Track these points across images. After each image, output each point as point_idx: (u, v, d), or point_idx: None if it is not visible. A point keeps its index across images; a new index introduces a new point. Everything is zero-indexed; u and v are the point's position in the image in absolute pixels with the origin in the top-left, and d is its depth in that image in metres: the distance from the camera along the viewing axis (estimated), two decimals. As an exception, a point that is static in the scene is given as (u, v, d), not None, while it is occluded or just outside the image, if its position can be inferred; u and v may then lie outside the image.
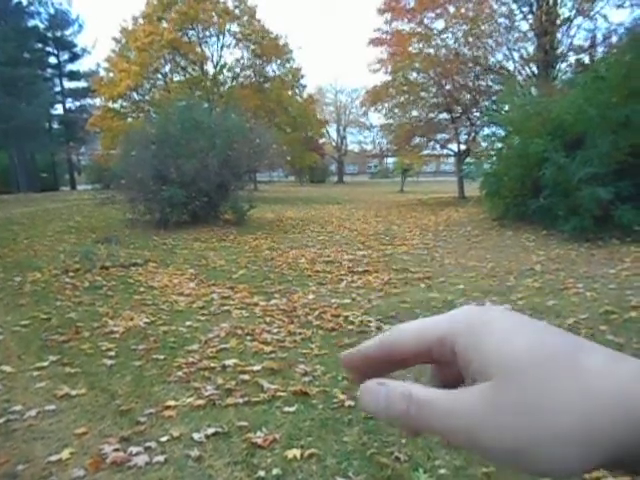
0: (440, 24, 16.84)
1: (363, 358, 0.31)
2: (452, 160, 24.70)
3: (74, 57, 33.13)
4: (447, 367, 0.29)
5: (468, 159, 15.71)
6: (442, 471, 2.18)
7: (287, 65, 25.49)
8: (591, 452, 0.23)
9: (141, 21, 23.48)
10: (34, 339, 4.02)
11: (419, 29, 17.02)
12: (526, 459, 0.23)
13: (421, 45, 17.07)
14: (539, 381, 0.24)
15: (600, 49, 14.64)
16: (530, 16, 15.55)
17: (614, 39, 14.08)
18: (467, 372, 0.27)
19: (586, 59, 14.78)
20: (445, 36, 16.68)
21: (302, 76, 26.22)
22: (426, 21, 16.89)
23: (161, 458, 2.31)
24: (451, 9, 16.37)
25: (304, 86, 26.89)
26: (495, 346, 0.25)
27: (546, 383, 0.23)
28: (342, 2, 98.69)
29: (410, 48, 16.95)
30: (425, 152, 20.61)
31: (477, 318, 0.27)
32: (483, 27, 15.89)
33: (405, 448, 2.34)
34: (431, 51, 16.87)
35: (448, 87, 16.84)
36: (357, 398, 0.28)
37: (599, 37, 14.97)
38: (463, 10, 15.90)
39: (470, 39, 16.08)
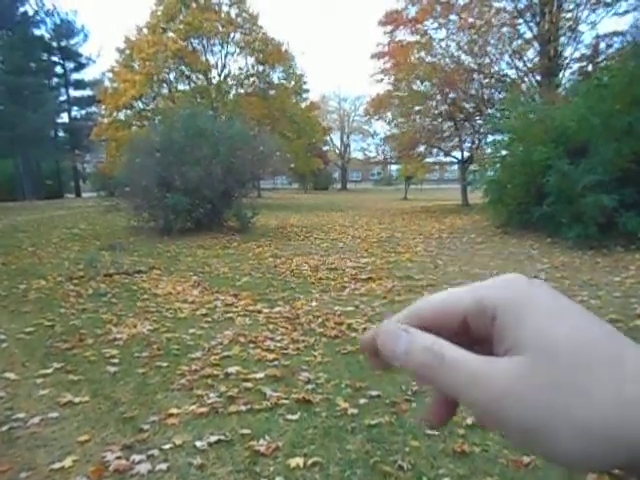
0: (442, 33, 16.95)
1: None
2: (456, 167, 24.72)
3: (79, 66, 33.48)
4: (475, 344, 0.28)
5: (472, 167, 15.72)
6: (446, 480, 2.16)
7: (290, 71, 25.66)
8: (606, 450, 0.22)
9: (145, 31, 23.68)
10: (38, 346, 4.03)
11: (422, 40, 17.09)
12: (540, 439, 0.23)
13: (423, 54, 17.16)
14: (573, 368, 0.23)
15: (602, 57, 14.67)
16: (533, 25, 15.61)
17: (616, 46, 14.14)
18: (501, 344, 0.26)
19: (589, 67, 14.81)
20: (447, 45, 16.77)
21: (305, 82, 26.39)
22: (428, 30, 16.99)
23: (164, 466, 2.31)
24: (452, 17, 16.45)
25: (307, 91, 27.05)
26: (538, 324, 0.25)
27: (580, 371, 0.23)
28: (344, 9, 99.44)
29: (412, 58, 17.03)
30: (429, 160, 20.63)
31: (524, 291, 0.27)
32: (487, 36, 15.95)
33: (409, 456, 2.33)
34: (434, 60, 16.95)
35: (452, 95, 16.90)
36: (377, 337, 0.28)
37: (602, 45, 15.03)
38: (470, 19, 15.95)
39: (474, 47, 16.14)
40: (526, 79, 16.36)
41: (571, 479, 1.97)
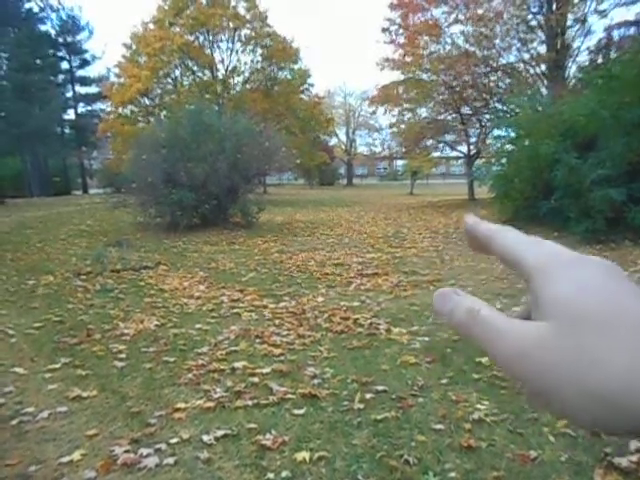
0: (449, 22, 16.76)
1: (477, 233, 0.33)
2: (462, 162, 24.59)
3: (85, 63, 33.52)
4: None
5: (478, 161, 15.61)
6: (452, 474, 2.16)
7: (295, 67, 25.55)
8: (616, 417, 0.23)
9: (152, 26, 23.67)
10: (46, 341, 4.06)
11: (432, 31, 16.92)
12: (551, 401, 0.25)
13: (433, 43, 16.96)
14: (593, 335, 0.24)
15: (613, 48, 14.49)
16: (540, 16, 15.44)
17: (629, 33, 13.96)
18: (536, 309, 0.27)
19: (599, 59, 14.63)
20: (455, 30, 16.56)
21: (309, 76, 26.27)
22: (436, 14, 16.80)
23: (171, 460, 2.32)
24: (460, 7, 16.29)
25: (312, 85, 26.92)
26: (565, 292, 0.26)
27: (599, 338, 0.24)
28: (348, 3, 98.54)
29: (421, 44, 16.84)
30: (435, 154, 20.50)
31: (560, 258, 0.28)
32: (495, 27, 15.78)
33: (415, 451, 2.33)
34: (441, 50, 16.79)
35: (458, 88, 16.77)
36: (433, 298, 0.31)
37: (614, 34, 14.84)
38: (478, 11, 15.78)
39: (481, 39, 15.97)
40: (533, 71, 16.20)
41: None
